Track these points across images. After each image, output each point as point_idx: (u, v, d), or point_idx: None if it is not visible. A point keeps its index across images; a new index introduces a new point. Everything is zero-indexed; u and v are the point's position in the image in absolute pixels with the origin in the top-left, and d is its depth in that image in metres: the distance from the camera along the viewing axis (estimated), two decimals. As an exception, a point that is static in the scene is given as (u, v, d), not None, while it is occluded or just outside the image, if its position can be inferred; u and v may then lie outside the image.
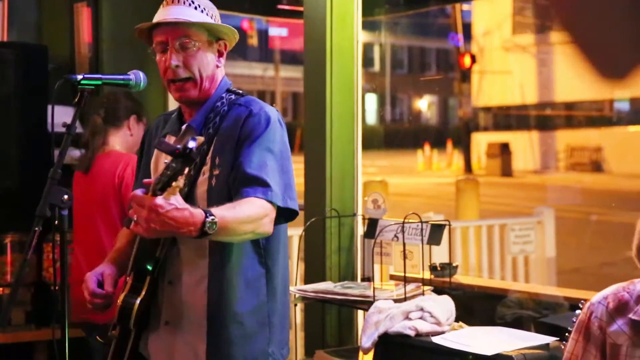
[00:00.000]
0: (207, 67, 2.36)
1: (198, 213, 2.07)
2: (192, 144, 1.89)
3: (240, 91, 2.44)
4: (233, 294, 2.33)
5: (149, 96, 3.89)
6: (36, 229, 2.15)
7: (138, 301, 2.30)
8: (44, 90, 3.83)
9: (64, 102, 2.70)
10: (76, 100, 2.28)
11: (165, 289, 2.37)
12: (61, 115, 2.29)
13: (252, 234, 2.25)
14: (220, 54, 2.40)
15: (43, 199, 2.18)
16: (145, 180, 2.14)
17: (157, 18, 2.35)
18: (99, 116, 3.41)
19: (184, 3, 2.35)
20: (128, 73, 2.36)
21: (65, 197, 2.20)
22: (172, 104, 3.44)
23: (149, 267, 2.31)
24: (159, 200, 2.01)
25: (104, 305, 2.36)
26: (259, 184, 2.25)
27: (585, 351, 1.86)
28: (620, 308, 1.83)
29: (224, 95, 2.41)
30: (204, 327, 2.34)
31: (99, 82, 2.32)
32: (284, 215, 2.32)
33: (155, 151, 2.47)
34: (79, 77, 2.28)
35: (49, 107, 2.25)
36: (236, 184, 2.27)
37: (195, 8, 2.35)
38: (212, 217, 2.08)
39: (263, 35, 27.48)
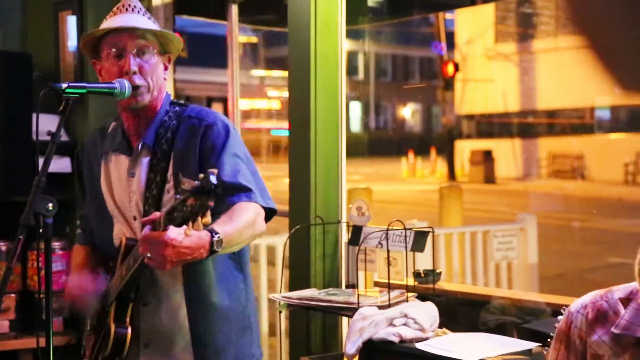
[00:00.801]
0: (159, 76, 2.37)
1: (204, 235, 2.08)
2: (214, 180, 1.88)
3: (182, 101, 2.45)
4: (215, 297, 2.34)
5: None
6: (20, 237, 2.14)
7: (129, 331, 2.31)
8: (29, 98, 3.81)
9: (49, 110, 2.68)
10: (61, 108, 2.27)
11: (141, 312, 2.36)
12: (46, 124, 2.27)
13: (251, 238, 2.28)
14: (165, 67, 2.41)
15: (27, 207, 2.16)
16: (146, 219, 2.11)
17: (111, 24, 2.35)
18: None
19: (138, 12, 2.36)
20: (113, 81, 2.35)
21: (50, 205, 2.18)
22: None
23: (132, 295, 2.32)
24: (173, 234, 2.00)
25: (85, 305, 2.39)
26: (240, 190, 2.26)
27: None
28: (600, 318, 1.83)
29: (168, 109, 2.41)
30: (188, 342, 2.33)
31: (84, 91, 2.31)
32: (265, 215, 2.34)
33: (103, 172, 2.45)
34: (64, 85, 2.26)
35: (34, 116, 2.24)
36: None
37: (149, 18, 2.38)
38: (218, 236, 2.10)
39: (248, 43, 27.44)
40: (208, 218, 1.98)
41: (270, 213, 2.34)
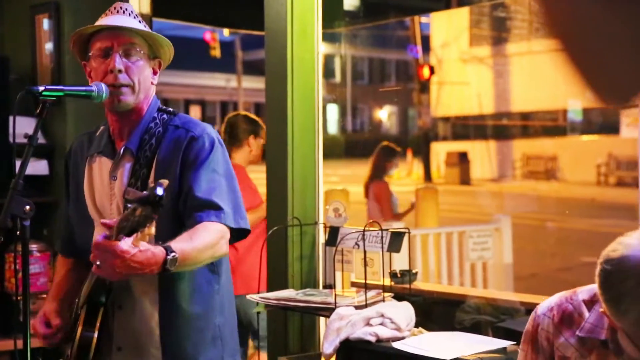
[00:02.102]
0: (145, 79, 2.34)
1: (159, 251, 2.05)
2: (160, 191, 1.86)
3: (171, 109, 2.42)
4: (187, 313, 2.32)
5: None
6: (-3, 239, 2.12)
7: (96, 335, 2.28)
8: (6, 101, 3.78)
9: (26, 113, 2.67)
10: (38, 111, 2.25)
11: (115, 314, 2.34)
12: (23, 126, 2.26)
13: (211, 259, 2.25)
14: (154, 72, 2.39)
15: (5, 209, 2.15)
16: (104, 221, 2.09)
17: (100, 24, 2.34)
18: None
19: (129, 15, 2.34)
20: (90, 84, 2.34)
21: (27, 207, 2.17)
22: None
23: (102, 299, 2.30)
24: (124, 245, 1.97)
25: (61, 339, 2.36)
26: (211, 208, 2.24)
27: None
28: (565, 320, 1.84)
29: (155, 115, 2.38)
30: (158, 348, 2.32)
31: (61, 93, 2.30)
32: (236, 234, 2.32)
33: (87, 174, 2.43)
34: (41, 88, 2.25)
35: (11, 118, 2.22)
36: (188, 209, 2.25)
37: (140, 21, 2.35)
38: (173, 254, 2.06)
39: (225, 46, 27.41)
40: (152, 230, 1.97)
41: (241, 233, 2.34)
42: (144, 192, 1.89)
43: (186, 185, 2.26)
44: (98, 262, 2.03)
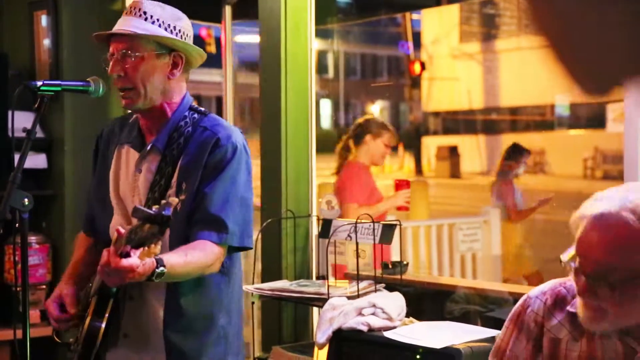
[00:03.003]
0: (153, 78, 2.27)
1: (150, 263, 2.05)
2: (168, 212, 1.87)
3: (203, 109, 2.36)
4: (191, 313, 2.31)
5: (111, 101, 3.84)
6: (-4, 231, 2.12)
7: (103, 325, 2.28)
8: (5, 96, 3.77)
9: (25, 107, 2.66)
10: (36, 105, 2.25)
11: (126, 305, 2.34)
12: (22, 121, 2.25)
13: (199, 275, 2.26)
14: (174, 66, 2.31)
15: (4, 202, 2.14)
16: (119, 229, 2.06)
17: (112, 29, 2.32)
18: (349, 138, 4.47)
19: (138, 15, 2.29)
20: (87, 80, 2.33)
21: (26, 200, 2.16)
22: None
23: (114, 290, 2.29)
24: (133, 261, 1.98)
25: (70, 327, 2.35)
26: (216, 226, 2.23)
27: (516, 339, 1.88)
28: (558, 303, 1.85)
29: (187, 114, 2.33)
30: (161, 341, 2.32)
31: (59, 88, 2.29)
32: (237, 248, 2.32)
33: (114, 161, 2.41)
34: (39, 83, 2.25)
35: (9, 113, 2.21)
36: (195, 219, 2.24)
37: (146, 20, 2.27)
38: (162, 269, 2.07)
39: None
40: (158, 249, 1.99)
41: (245, 248, 2.35)
42: (152, 209, 1.88)
43: (201, 193, 2.25)
44: (99, 268, 2.05)
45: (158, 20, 2.29)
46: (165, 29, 2.29)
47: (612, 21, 0.56)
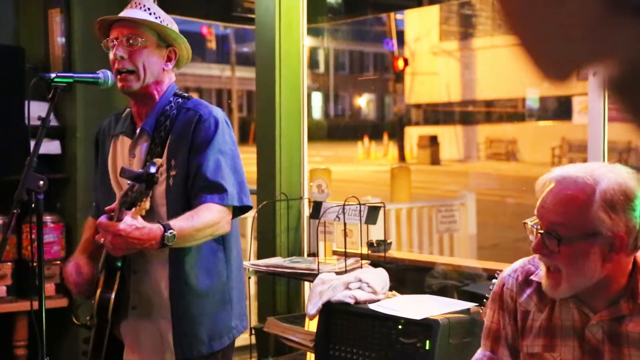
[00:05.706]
0: (152, 65, 2.29)
1: (156, 228, 2.06)
2: (153, 169, 1.89)
3: (186, 94, 2.39)
4: (194, 276, 2.31)
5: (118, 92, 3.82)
6: (14, 211, 2.11)
7: (113, 296, 2.28)
8: (21, 87, 3.74)
9: (40, 97, 2.64)
10: (50, 96, 2.24)
11: (131, 278, 2.34)
12: (37, 110, 2.24)
13: (210, 236, 2.24)
14: (169, 59, 2.34)
15: (20, 184, 2.14)
16: (108, 207, 2.12)
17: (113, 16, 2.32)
18: None
19: (142, 8, 2.31)
20: (97, 72, 2.32)
21: (41, 182, 2.16)
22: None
23: (119, 264, 2.29)
24: (122, 225, 2.01)
25: (87, 291, 2.35)
26: (216, 190, 2.22)
27: (502, 318, 1.89)
28: (528, 279, 1.86)
29: (171, 99, 2.35)
30: (167, 309, 2.31)
31: (71, 80, 2.29)
32: (240, 209, 2.31)
33: (111, 151, 2.42)
34: (53, 75, 2.24)
35: (26, 103, 2.21)
36: (195, 189, 2.24)
37: (150, 14, 2.30)
38: (171, 231, 2.07)
39: (220, 39, 27.24)
40: (147, 204, 2.00)
41: (245, 208, 2.33)
42: (139, 170, 1.90)
43: (195, 165, 2.24)
44: (102, 240, 2.06)
45: (159, 17, 2.32)
46: (166, 26, 2.32)
47: (572, 7, 0.56)
